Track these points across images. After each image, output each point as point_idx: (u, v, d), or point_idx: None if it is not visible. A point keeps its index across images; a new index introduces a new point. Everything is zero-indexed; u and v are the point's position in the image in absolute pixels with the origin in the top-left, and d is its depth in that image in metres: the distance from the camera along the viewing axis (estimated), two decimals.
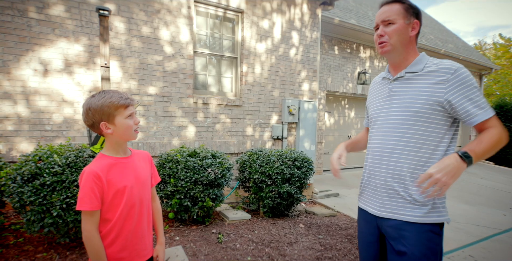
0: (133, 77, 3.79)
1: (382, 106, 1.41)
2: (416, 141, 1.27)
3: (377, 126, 1.43)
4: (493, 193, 6.21)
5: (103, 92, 1.19)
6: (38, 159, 2.44)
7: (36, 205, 2.28)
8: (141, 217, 1.28)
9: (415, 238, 1.23)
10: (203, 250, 2.80)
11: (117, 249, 1.21)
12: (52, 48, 3.35)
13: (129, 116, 1.20)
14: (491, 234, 3.69)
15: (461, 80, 1.20)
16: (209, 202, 3.17)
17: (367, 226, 1.45)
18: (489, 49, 19.10)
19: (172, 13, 4.00)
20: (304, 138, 5.08)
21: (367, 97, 1.63)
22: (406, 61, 1.35)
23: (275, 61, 4.89)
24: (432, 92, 1.23)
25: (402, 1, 1.32)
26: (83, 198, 1.12)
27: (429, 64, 1.29)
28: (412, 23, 1.31)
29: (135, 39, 3.78)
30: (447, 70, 1.22)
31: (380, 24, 1.34)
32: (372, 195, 1.41)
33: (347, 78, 6.89)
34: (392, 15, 1.29)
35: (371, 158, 1.44)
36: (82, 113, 1.20)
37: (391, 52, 1.33)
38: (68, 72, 3.44)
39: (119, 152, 1.25)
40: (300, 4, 5.08)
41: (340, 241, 3.23)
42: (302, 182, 3.78)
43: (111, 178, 1.18)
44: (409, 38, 1.31)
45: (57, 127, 3.42)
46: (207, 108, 4.33)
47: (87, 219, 1.14)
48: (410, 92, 1.29)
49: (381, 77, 1.49)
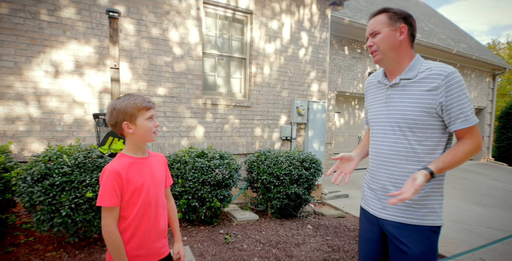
0: (142, 78, 3.81)
1: (379, 111, 1.46)
2: (413, 146, 1.32)
3: (375, 131, 1.48)
4: (506, 194, 6.04)
5: (128, 95, 1.27)
6: (48, 159, 2.46)
7: (45, 204, 2.30)
8: (157, 216, 1.33)
9: (416, 237, 1.30)
10: (210, 250, 2.79)
11: (134, 246, 1.25)
12: (63, 50, 3.40)
13: (150, 118, 1.27)
14: (503, 237, 3.61)
15: (452, 86, 1.24)
16: (216, 202, 3.16)
17: (369, 224, 1.49)
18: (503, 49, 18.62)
19: (181, 14, 4.01)
20: (313, 139, 5.02)
21: (364, 96, 1.66)
22: (400, 66, 1.38)
23: (284, 62, 4.85)
24: (426, 99, 1.27)
25: (387, 10, 1.37)
26: (104, 194, 1.17)
27: (422, 69, 1.32)
28: (399, 28, 1.34)
29: (144, 41, 3.80)
30: (438, 76, 1.26)
31: (369, 36, 1.41)
32: (374, 197, 1.47)
33: (357, 78, 6.80)
34: (377, 26, 1.36)
35: (372, 162, 1.50)
36: (107, 113, 1.28)
37: (383, 59, 1.38)
38: (79, 74, 3.49)
39: (138, 152, 1.32)
40: (310, 4, 5.04)
41: (348, 242, 3.18)
42: (310, 183, 3.73)
43: (130, 177, 1.23)
44: (398, 43, 1.35)
45: (68, 128, 3.46)
46: (216, 109, 4.33)
47: (107, 215, 1.19)
48: (406, 99, 1.33)
49: (377, 80, 1.52)
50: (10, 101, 3.18)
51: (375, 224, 1.45)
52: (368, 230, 1.50)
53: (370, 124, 1.56)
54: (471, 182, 6.87)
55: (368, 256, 1.50)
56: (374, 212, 1.44)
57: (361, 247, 1.55)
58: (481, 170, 8.60)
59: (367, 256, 1.51)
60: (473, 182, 6.85)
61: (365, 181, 1.57)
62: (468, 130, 1.27)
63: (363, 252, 1.54)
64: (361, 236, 1.56)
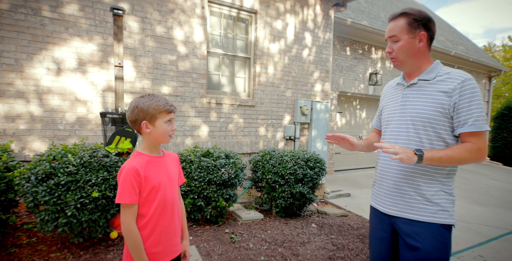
0: (146, 76, 3.76)
1: (395, 110, 1.48)
2: (424, 145, 1.34)
3: (389, 130, 1.49)
4: (503, 193, 6.11)
5: (152, 95, 1.29)
6: (53, 158, 2.41)
7: (50, 204, 2.24)
8: (173, 214, 1.35)
9: (428, 234, 1.31)
10: (217, 249, 2.76)
11: (153, 243, 1.26)
12: (66, 47, 3.34)
13: (168, 122, 1.30)
14: (501, 234, 3.66)
15: (466, 90, 1.26)
16: (222, 202, 3.12)
17: (380, 223, 1.50)
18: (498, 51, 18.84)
19: (186, 13, 3.97)
20: (317, 138, 5.01)
21: (380, 100, 1.70)
22: (419, 70, 1.42)
23: (288, 62, 4.84)
24: (441, 100, 1.31)
25: (408, 14, 1.35)
26: (123, 192, 1.19)
27: (441, 73, 1.36)
28: (419, 35, 1.35)
29: (148, 39, 3.75)
30: (456, 79, 1.29)
31: (388, 39, 1.43)
32: (385, 194, 1.47)
33: (358, 79, 6.81)
34: (397, 32, 1.37)
35: (383, 160, 1.50)
36: (128, 109, 1.29)
37: (401, 66, 1.43)
38: (82, 72, 3.43)
39: (153, 151, 1.33)
40: (313, 5, 5.03)
41: (352, 241, 3.18)
42: (314, 182, 3.72)
43: (148, 175, 1.25)
44: (417, 50, 1.37)
45: (70, 126, 3.40)
46: (220, 108, 4.29)
47: (126, 212, 1.21)
48: (422, 99, 1.37)
49: (396, 83, 1.56)
50: (10, 99, 3.11)
51: (386, 222, 1.47)
52: (379, 229, 1.51)
53: (383, 123, 1.57)
54: (470, 182, 6.93)
55: (379, 255, 1.51)
56: (385, 209, 1.46)
57: (372, 245, 1.56)
58: (479, 169, 8.68)
59: (378, 254, 1.51)
60: (472, 181, 6.91)
61: (376, 181, 1.58)
62: (473, 134, 1.27)
63: (374, 251, 1.54)
64: (372, 235, 1.57)
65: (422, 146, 1.34)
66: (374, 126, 1.79)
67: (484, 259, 2.93)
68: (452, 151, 1.27)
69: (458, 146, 1.29)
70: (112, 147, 2.21)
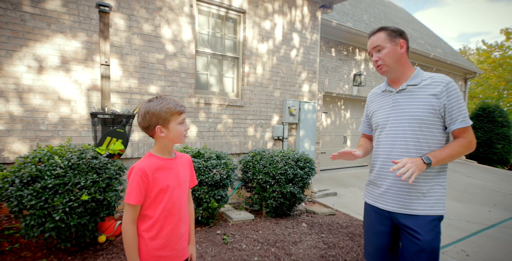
0: (133, 75, 3.67)
1: (388, 115, 1.60)
2: (421, 145, 1.49)
3: (385, 132, 1.61)
4: (479, 190, 6.42)
5: (160, 98, 1.27)
6: (38, 160, 2.30)
7: (37, 209, 2.14)
8: (181, 217, 1.34)
9: (426, 226, 1.46)
10: (209, 251, 2.74)
11: (158, 246, 1.26)
12: (48, 44, 3.20)
13: (181, 123, 1.29)
14: (480, 229, 3.84)
15: (452, 91, 1.45)
16: (214, 203, 3.10)
17: (379, 218, 1.62)
18: (473, 54, 19.79)
19: (174, 11, 3.90)
20: (304, 138, 5.07)
21: (366, 106, 1.85)
22: (404, 75, 1.58)
23: (276, 62, 4.86)
24: (431, 102, 1.47)
25: (385, 28, 1.56)
26: (131, 192, 1.20)
27: (425, 78, 1.53)
28: (399, 43, 1.54)
29: (135, 37, 3.66)
30: (440, 83, 1.47)
31: (372, 51, 1.60)
32: (383, 193, 1.59)
33: (343, 80, 6.94)
34: (381, 42, 1.55)
35: (383, 159, 1.61)
36: (139, 116, 1.27)
37: (388, 71, 1.57)
38: (65, 70, 3.30)
39: (165, 153, 1.33)
40: (301, 6, 5.08)
41: (342, 239, 3.24)
42: (304, 182, 3.76)
43: (157, 176, 1.25)
44: (400, 55, 1.55)
45: (53, 127, 3.27)
46: (209, 108, 4.25)
47: (129, 212, 1.22)
48: (413, 102, 1.51)
49: (381, 90, 1.70)
50: None
51: (387, 217, 1.59)
52: (379, 223, 1.63)
53: (377, 128, 1.69)
54: (449, 179, 7.23)
55: (378, 247, 1.63)
56: (385, 206, 1.58)
57: (371, 239, 1.67)
58: (456, 167, 9.07)
59: (377, 246, 1.64)
60: (451, 179, 7.21)
61: (371, 179, 1.70)
62: (464, 130, 1.46)
63: (373, 244, 1.66)
64: (370, 229, 1.68)
65: (419, 144, 1.49)
66: (364, 132, 1.91)
67: (466, 253, 3.07)
68: (450, 149, 1.44)
69: (454, 144, 1.47)
70: (103, 148, 2.15)
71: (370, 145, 1.85)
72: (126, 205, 1.22)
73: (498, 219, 4.37)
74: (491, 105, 11.44)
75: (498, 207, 5.13)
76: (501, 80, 15.49)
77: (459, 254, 3.04)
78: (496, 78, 16.13)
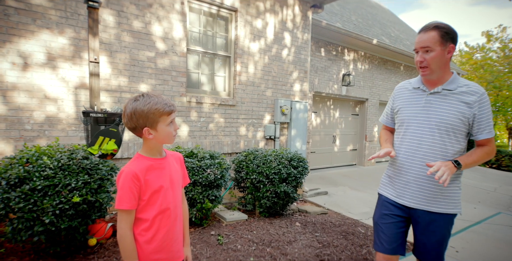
0: (123, 73, 3.58)
1: (417, 114, 1.63)
2: (447, 147, 1.55)
3: (410, 131, 1.65)
4: (464, 188, 6.61)
5: (146, 96, 1.17)
6: (26, 161, 2.21)
7: (25, 212, 2.05)
8: (176, 218, 1.29)
9: (443, 222, 1.58)
10: (204, 252, 2.70)
11: (155, 250, 1.21)
12: (33, 40, 3.08)
13: (170, 123, 1.22)
14: (466, 226, 3.96)
15: (484, 103, 1.51)
16: (208, 203, 3.06)
17: (395, 210, 1.70)
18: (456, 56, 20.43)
19: (165, 8, 3.83)
20: (296, 138, 5.08)
21: (392, 99, 1.85)
22: (442, 79, 1.58)
23: (268, 61, 4.85)
24: (463, 110, 1.51)
25: (440, 27, 1.49)
26: (122, 197, 1.13)
27: (461, 85, 1.55)
28: (448, 48, 1.51)
29: (125, 34, 3.57)
30: (476, 93, 1.52)
31: (419, 50, 1.55)
32: (403, 187, 1.66)
33: (332, 79, 7.01)
34: (431, 43, 1.49)
35: (404, 157, 1.66)
36: (124, 117, 1.19)
37: (431, 74, 1.57)
38: (51, 67, 3.18)
39: (155, 154, 1.26)
40: (292, 5, 5.09)
41: (336, 238, 3.27)
42: (298, 181, 3.77)
43: (148, 178, 1.19)
44: (446, 60, 1.54)
45: (39, 126, 3.14)
46: (201, 107, 4.20)
47: (124, 218, 1.16)
48: (446, 107, 1.55)
49: (412, 86, 1.70)
50: None
51: (403, 210, 1.68)
52: (395, 216, 1.70)
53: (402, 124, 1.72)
54: None
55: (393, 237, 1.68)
56: (404, 202, 1.65)
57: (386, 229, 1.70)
58: None
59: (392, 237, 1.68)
60: None
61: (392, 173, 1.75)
62: (490, 140, 1.55)
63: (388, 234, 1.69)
64: (385, 220, 1.72)
65: (445, 148, 1.56)
66: (387, 124, 1.91)
67: (456, 249, 3.15)
68: (477, 156, 1.54)
69: (479, 151, 1.56)
70: (95, 148, 2.07)
71: (393, 138, 1.85)
72: (119, 211, 1.16)
73: (483, 215, 4.51)
74: None
75: (482, 204, 5.31)
76: (482, 81, 16.04)
77: (449, 250, 3.12)
78: (477, 79, 16.70)
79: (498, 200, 5.69)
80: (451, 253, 3.05)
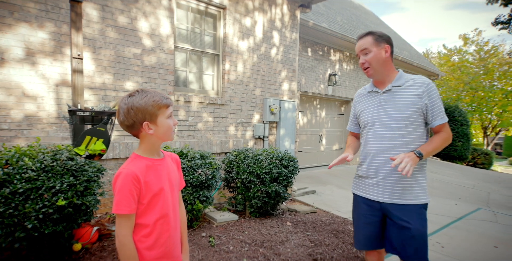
0: (108, 71, 3.44)
1: (376, 114, 1.74)
2: (407, 140, 1.64)
3: (374, 130, 1.75)
4: (444, 185, 6.85)
5: (142, 91, 1.13)
6: (5, 163, 2.06)
7: (5, 217, 1.92)
8: (176, 223, 1.25)
9: (414, 214, 1.61)
10: (196, 255, 2.63)
11: (156, 256, 1.16)
12: (10, 34, 2.90)
13: (169, 117, 1.17)
14: (449, 222, 4.07)
15: (432, 92, 1.63)
16: (199, 204, 2.99)
17: (369, 209, 1.75)
18: (435, 58, 21.17)
19: (152, 3, 3.71)
20: (285, 137, 5.08)
21: (353, 107, 1.98)
22: (388, 77, 1.72)
23: (257, 60, 4.82)
24: (415, 101, 1.62)
25: (372, 33, 1.69)
26: (121, 201, 1.06)
27: (408, 79, 1.68)
28: (384, 48, 1.67)
29: (110, 29, 3.43)
30: (422, 84, 1.64)
31: (359, 53, 1.73)
32: (375, 184, 1.72)
33: (319, 79, 7.07)
34: (368, 45, 1.68)
35: (373, 155, 1.74)
36: (120, 113, 1.12)
37: (374, 74, 1.72)
38: (30, 63, 3.01)
39: (154, 154, 1.21)
40: (281, 4, 5.08)
41: (327, 236, 3.27)
42: (288, 181, 3.76)
43: (148, 180, 1.13)
44: (384, 59, 1.68)
45: (16, 126, 2.97)
46: (189, 106, 4.11)
47: (124, 224, 1.09)
48: (399, 101, 1.66)
49: (367, 91, 1.84)
50: None
51: (377, 208, 1.73)
52: (369, 215, 1.76)
53: (365, 126, 1.81)
54: None
55: (370, 236, 1.76)
56: (376, 197, 1.71)
57: (362, 229, 1.79)
58: None
59: (369, 236, 1.76)
60: None
61: (361, 173, 1.82)
62: (444, 125, 1.66)
63: (365, 233, 1.78)
64: (361, 220, 1.80)
65: (405, 141, 1.64)
66: (352, 130, 2.03)
67: (441, 245, 3.24)
68: (435, 143, 1.62)
69: (436, 138, 1.65)
70: (82, 148, 1.96)
71: (357, 143, 1.97)
72: (118, 216, 1.08)
73: (464, 211, 4.68)
74: (451, 105, 12.26)
75: (463, 200, 5.51)
76: (459, 82, 16.71)
77: (435, 246, 3.20)
78: (455, 81, 17.38)
79: (477, 196, 5.92)
80: (437, 249, 3.13)
